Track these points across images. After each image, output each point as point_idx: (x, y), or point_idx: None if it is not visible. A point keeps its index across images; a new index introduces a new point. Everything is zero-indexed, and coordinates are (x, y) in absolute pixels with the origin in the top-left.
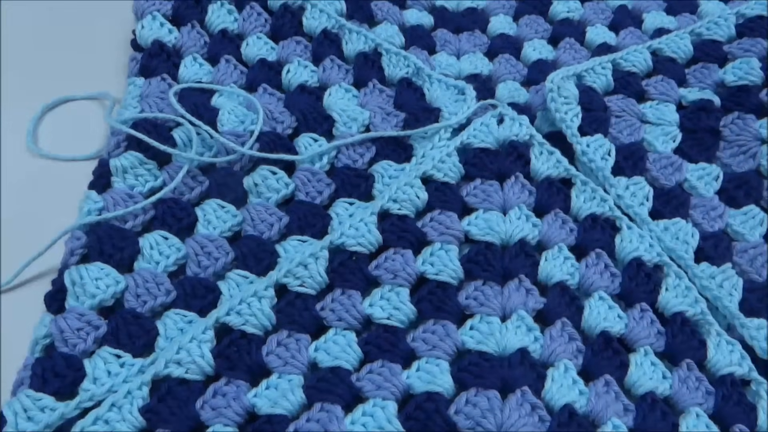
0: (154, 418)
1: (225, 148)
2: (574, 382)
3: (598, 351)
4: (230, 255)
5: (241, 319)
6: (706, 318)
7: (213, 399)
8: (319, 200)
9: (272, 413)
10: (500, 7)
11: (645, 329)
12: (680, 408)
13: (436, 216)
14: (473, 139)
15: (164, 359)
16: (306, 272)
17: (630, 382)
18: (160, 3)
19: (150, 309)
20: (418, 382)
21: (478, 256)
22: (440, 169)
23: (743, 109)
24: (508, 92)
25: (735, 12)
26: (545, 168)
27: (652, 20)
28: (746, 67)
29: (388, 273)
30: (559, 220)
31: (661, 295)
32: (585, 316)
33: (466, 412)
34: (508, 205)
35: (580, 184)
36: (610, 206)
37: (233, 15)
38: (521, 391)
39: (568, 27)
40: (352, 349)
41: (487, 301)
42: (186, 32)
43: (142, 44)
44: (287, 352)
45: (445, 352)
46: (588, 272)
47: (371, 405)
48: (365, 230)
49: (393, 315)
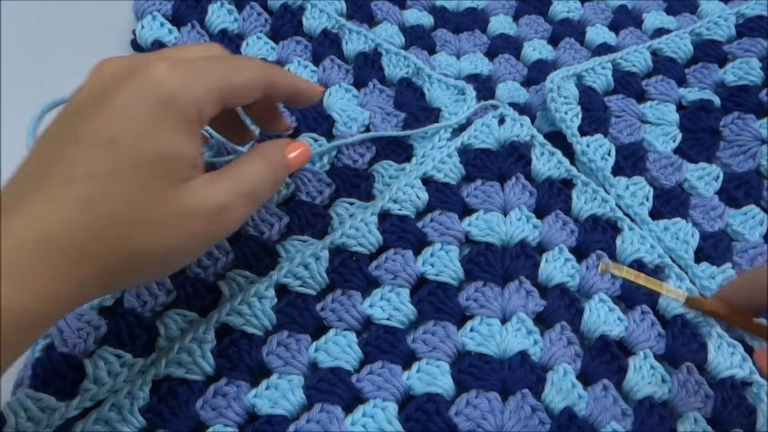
0: (154, 418)
1: (225, 148)
2: (573, 386)
3: (596, 355)
4: (231, 255)
5: (241, 320)
6: (708, 320)
7: (213, 399)
8: (319, 200)
9: (272, 413)
10: (500, 7)
11: (645, 332)
12: (679, 412)
13: (437, 216)
14: (474, 140)
15: (164, 359)
16: (306, 272)
17: (628, 387)
18: (160, 3)
19: (150, 309)
20: (419, 384)
21: (479, 257)
22: (441, 169)
23: (743, 109)
24: (508, 92)
25: (735, 12)
26: (546, 169)
27: (652, 20)
28: (746, 67)
29: (389, 273)
30: (559, 221)
31: (662, 296)
32: (585, 318)
33: (467, 413)
34: (508, 206)
35: (581, 185)
36: (611, 207)
37: (233, 15)
38: (521, 393)
39: (568, 27)
40: (352, 350)
41: (488, 302)
42: (186, 32)
43: (142, 44)
44: (287, 353)
45: (446, 354)
46: (588, 274)
47: (371, 406)
48: (365, 230)
49: (393, 316)
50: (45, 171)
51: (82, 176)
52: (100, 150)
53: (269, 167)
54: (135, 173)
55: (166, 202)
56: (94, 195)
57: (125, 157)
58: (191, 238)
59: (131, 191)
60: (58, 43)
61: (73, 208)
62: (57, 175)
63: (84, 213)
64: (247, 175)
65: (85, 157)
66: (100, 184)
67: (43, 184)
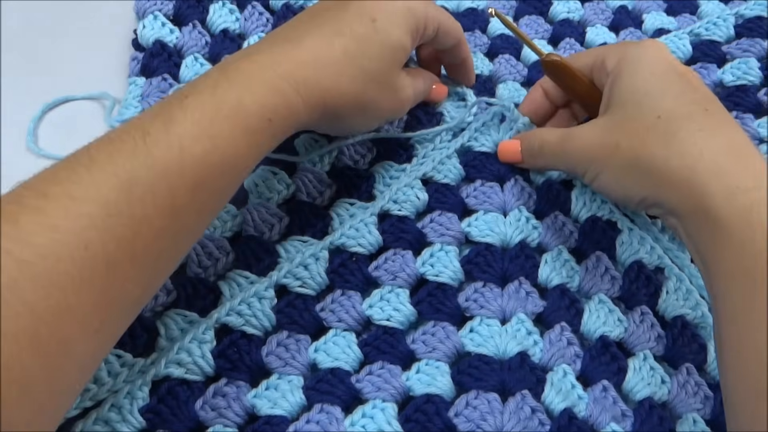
0: (154, 418)
1: None
2: (573, 387)
3: (596, 356)
4: (231, 255)
5: (241, 320)
6: (707, 321)
7: (213, 399)
8: (319, 201)
9: (272, 414)
10: (500, 7)
11: (645, 333)
12: (678, 413)
13: (436, 217)
14: (474, 142)
15: (164, 359)
16: (306, 273)
17: (628, 388)
18: (161, 3)
19: (150, 309)
20: (418, 384)
21: (478, 258)
22: (440, 170)
23: (742, 109)
24: (508, 92)
25: (734, 13)
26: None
27: (652, 20)
28: (744, 67)
29: (388, 274)
30: (559, 222)
31: (661, 298)
32: (584, 319)
33: (466, 414)
34: (508, 207)
35: (581, 186)
36: (610, 208)
37: (235, 15)
38: (521, 394)
39: (568, 27)
40: (351, 351)
41: (487, 303)
42: (187, 32)
43: (143, 44)
44: (287, 353)
45: (445, 355)
46: (588, 275)
47: (371, 407)
48: (365, 231)
49: (393, 316)
50: (321, 21)
51: (349, 34)
52: (364, 22)
53: (426, 85)
54: (381, 47)
55: (391, 74)
56: (355, 49)
57: (379, 33)
58: (390, 106)
59: (377, 57)
60: (58, 42)
61: (338, 51)
62: (331, 27)
63: (345, 58)
64: (420, 83)
65: (353, 24)
66: (360, 45)
67: (321, 30)
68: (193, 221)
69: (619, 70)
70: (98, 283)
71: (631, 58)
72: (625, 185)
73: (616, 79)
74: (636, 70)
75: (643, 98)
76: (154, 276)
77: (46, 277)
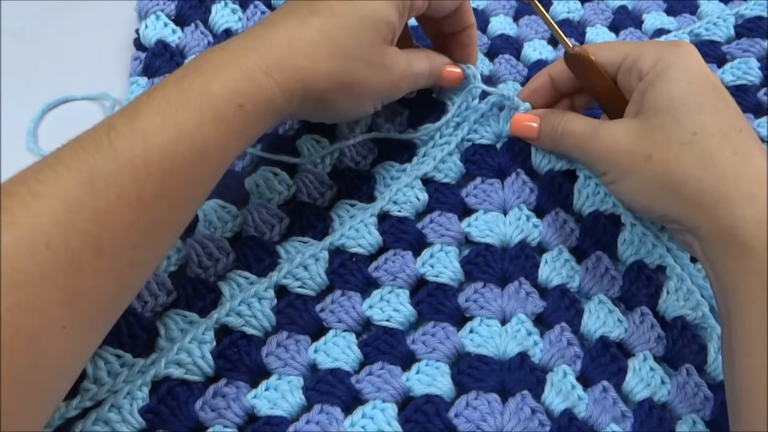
0: (154, 418)
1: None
2: (573, 388)
3: (595, 356)
4: (231, 255)
5: (241, 320)
6: (708, 322)
7: (213, 400)
8: (320, 202)
9: (271, 414)
10: (500, 7)
11: (645, 333)
12: (678, 414)
13: (436, 218)
14: (474, 134)
15: (164, 360)
16: (306, 273)
17: (627, 389)
18: (163, 3)
19: (150, 309)
20: (418, 385)
21: (478, 258)
22: (441, 170)
23: (742, 109)
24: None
25: (734, 13)
26: (547, 161)
27: (652, 21)
28: (744, 67)
29: (388, 275)
30: (560, 220)
31: (662, 298)
32: (584, 320)
33: (466, 415)
34: (508, 205)
35: (584, 178)
36: (614, 202)
37: (237, 14)
38: (521, 395)
39: (568, 27)
40: (351, 351)
41: (487, 303)
42: (189, 32)
43: (145, 44)
44: (287, 354)
45: (445, 355)
46: (588, 275)
47: (371, 407)
48: (365, 231)
49: (392, 317)
50: (298, 5)
51: (326, 12)
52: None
53: (431, 66)
54: (360, 20)
55: (375, 50)
56: (332, 25)
57: (358, 7)
58: (379, 86)
59: (356, 32)
60: (59, 43)
61: (314, 29)
62: (308, 8)
63: (321, 36)
64: (419, 63)
65: (331, 1)
66: (338, 20)
67: (297, 12)
68: (167, 213)
69: (655, 74)
70: (62, 279)
71: (669, 63)
72: (650, 197)
73: (652, 83)
74: (673, 77)
75: (679, 109)
76: (129, 269)
77: (6, 275)
